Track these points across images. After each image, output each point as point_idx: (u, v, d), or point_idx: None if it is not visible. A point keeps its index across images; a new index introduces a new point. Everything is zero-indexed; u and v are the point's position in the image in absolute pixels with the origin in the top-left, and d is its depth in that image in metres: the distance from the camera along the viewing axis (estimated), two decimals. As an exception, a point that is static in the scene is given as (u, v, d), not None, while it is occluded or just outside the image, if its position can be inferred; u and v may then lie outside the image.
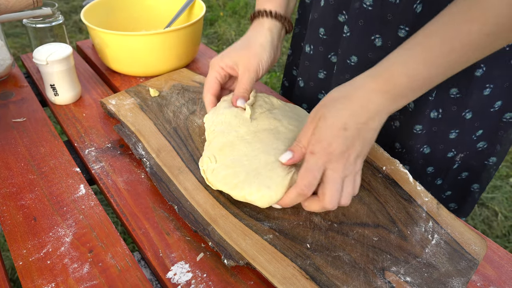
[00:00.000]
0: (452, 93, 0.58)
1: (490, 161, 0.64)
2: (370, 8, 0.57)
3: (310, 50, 0.70)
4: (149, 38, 0.73)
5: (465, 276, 0.43)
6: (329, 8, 0.64)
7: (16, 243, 0.46)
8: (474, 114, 0.59)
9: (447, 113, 0.59)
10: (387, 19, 0.57)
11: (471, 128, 0.60)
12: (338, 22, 0.64)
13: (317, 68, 0.71)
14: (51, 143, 0.62)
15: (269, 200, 0.46)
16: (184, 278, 0.43)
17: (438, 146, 0.63)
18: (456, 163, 0.65)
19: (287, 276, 0.41)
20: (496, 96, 0.57)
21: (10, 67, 0.77)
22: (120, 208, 0.51)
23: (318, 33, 0.67)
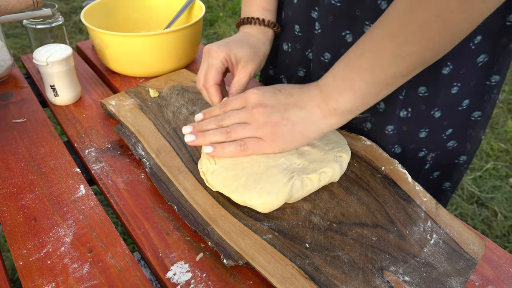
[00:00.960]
0: (420, 92, 0.57)
1: (461, 159, 0.64)
2: (339, 4, 0.57)
3: (288, 48, 0.70)
4: (149, 39, 0.73)
5: (464, 276, 0.43)
6: (302, 4, 0.63)
7: (17, 243, 0.47)
8: (443, 112, 0.59)
9: (416, 112, 0.59)
10: (356, 14, 0.57)
11: (441, 126, 0.60)
12: (312, 18, 0.64)
13: (296, 66, 0.71)
14: (51, 144, 0.62)
15: (270, 206, 0.47)
16: (183, 278, 0.43)
17: (409, 146, 0.63)
18: (427, 163, 0.65)
19: (286, 275, 0.42)
20: (464, 95, 0.57)
21: (10, 67, 0.78)
22: (120, 208, 0.51)
23: (293, 30, 0.67)
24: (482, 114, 0.60)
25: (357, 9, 0.56)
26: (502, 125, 1.87)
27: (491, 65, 0.55)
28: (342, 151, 0.54)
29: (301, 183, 0.49)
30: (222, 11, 2.86)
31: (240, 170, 0.50)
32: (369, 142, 0.59)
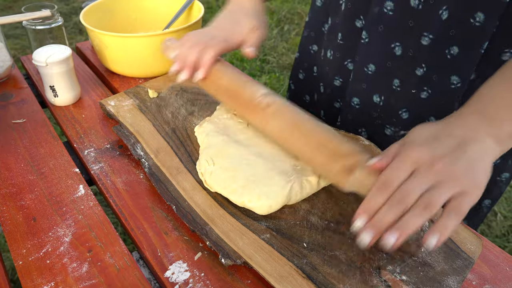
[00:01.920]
0: None
1: (503, 177, 0.63)
2: (391, 13, 0.55)
3: (330, 56, 0.68)
4: (148, 40, 0.73)
5: (461, 275, 0.43)
6: (347, 12, 0.61)
7: (16, 243, 0.47)
8: None
9: None
10: (408, 25, 0.54)
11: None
12: (355, 27, 0.61)
13: (333, 75, 0.68)
14: (50, 144, 0.62)
15: (268, 209, 0.47)
16: (182, 277, 0.44)
17: None
18: None
19: (284, 275, 0.42)
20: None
21: (10, 68, 0.78)
22: (119, 208, 0.52)
23: (337, 38, 0.65)
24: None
25: (411, 20, 0.54)
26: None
27: None
28: None
29: (300, 186, 0.49)
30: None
31: (239, 172, 0.50)
32: (367, 142, 0.59)
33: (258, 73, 2.19)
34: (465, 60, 0.52)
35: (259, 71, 2.20)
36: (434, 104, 0.58)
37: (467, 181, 0.38)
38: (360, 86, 0.63)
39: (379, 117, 0.64)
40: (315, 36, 0.72)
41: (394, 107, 0.61)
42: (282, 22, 2.68)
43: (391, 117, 0.62)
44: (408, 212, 0.37)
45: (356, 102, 0.65)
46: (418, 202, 0.37)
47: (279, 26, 2.62)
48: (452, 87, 0.55)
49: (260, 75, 2.17)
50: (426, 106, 0.58)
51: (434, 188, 0.37)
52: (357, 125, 0.68)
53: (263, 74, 2.19)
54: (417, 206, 0.37)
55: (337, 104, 0.71)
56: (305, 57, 0.76)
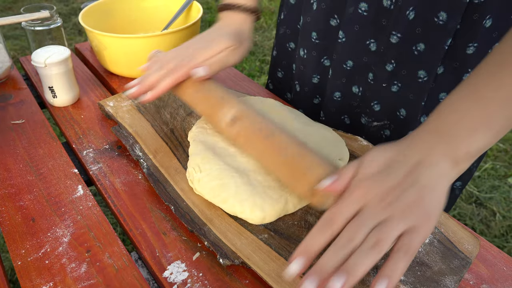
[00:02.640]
0: (441, 98, 0.59)
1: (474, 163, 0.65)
2: (366, 13, 0.58)
3: (304, 54, 0.70)
4: (147, 41, 0.73)
5: (458, 275, 0.43)
6: (321, 12, 0.64)
7: (15, 243, 0.47)
8: None
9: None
10: (382, 24, 0.57)
11: None
12: (330, 26, 0.64)
13: (311, 73, 0.71)
14: (49, 145, 0.62)
15: (262, 221, 0.47)
16: (180, 277, 0.44)
17: None
18: None
19: (281, 275, 0.42)
20: None
21: (9, 69, 0.78)
22: (117, 209, 0.52)
23: (310, 37, 0.67)
24: None
25: (384, 19, 0.57)
26: (501, 125, 1.87)
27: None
28: (341, 154, 0.54)
29: (297, 199, 0.48)
30: (221, 12, 2.86)
31: (228, 179, 0.49)
32: (365, 142, 0.60)
33: (257, 73, 2.19)
34: (431, 56, 0.56)
35: (258, 72, 2.21)
36: (403, 97, 0.61)
37: (418, 214, 0.35)
38: (340, 81, 0.66)
39: (358, 106, 0.67)
40: (291, 34, 0.74)
41: (369, 99, 0.64)
42: (281, 22, 2.67)
43: (365, 108, 0.66)
44: (355, 253, 0.33)
45: (338, 96, 0.68)
46: (365, 241, 0.34)
47: (278, 27, 2.62)
48: (419, 81, 0.58)
49: (259, 75, 2.18)
50: (397, 99, 0.62)
51: (383, 225, 0.34)
52: (340, 114, 0.71)
53: (262, 74, 2.19)
54: (365, 246, 0.33)
55: (316, 100, 0.74)
56: (283, 55, 0.77)
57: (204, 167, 0.51)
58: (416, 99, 0.60)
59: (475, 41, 0.54)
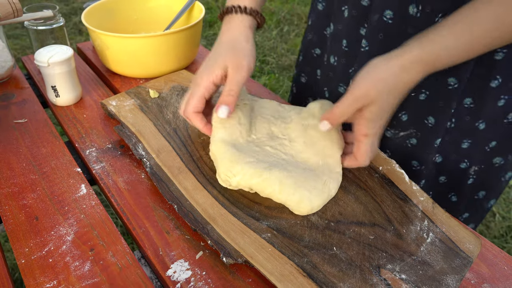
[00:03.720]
0: (466, 103, 0.57)
1: (507, 177, 0.64)
2: (390, 21, 0.56)
3: (334, 62, 0.68)
4: (149, 40, 0.74)
5: (459, 274, 0.44)
6: (352, 20, 0.62)
7: (19, 242, 0.47)
8: (487, 125, 0.58)
9: (461, 123, 0.58)
10: (408, 32, 0.55)
11: (484, 139, 0.59)
12: (360, 35, 0.62)
13: (338, 82, 0.69)
14: (52, 144, 0.62)
15: (309, 212, 0.48)
16: (183, 276, 0.44)
17: (450, 156, 0.62)
18: (470, 177, 0.63)
19: (284, 273, 0.42)
20: (510, 108, 0.57)
21: (11, 68, 0.78)
22: (120, 208, 0.52)
23: (341, 44, 0.65)
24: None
25: (410, 26, 0.55)
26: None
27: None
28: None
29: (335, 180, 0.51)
30: (221, 13, 2.87)
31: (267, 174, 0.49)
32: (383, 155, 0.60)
33: (257, 73, 2.19)
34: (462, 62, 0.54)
35: (258, 72, 2.21)
36: (432, 105, 0.59)
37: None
38: None
39: None
40: (317, 40, 0.72)
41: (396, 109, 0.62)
42: (281, 23, 2.68)
43: (392, 120, 0.63)
44: None
45: None
46: None
47: (278, 27, 2.63)
48: (449, 88, 0.56)
49: (259, 75, 2.18)
50: (425, 107, 0.59)
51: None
52: None
53: (262, 75, 2.19)
54: None
55: None
56: (308, 60, 0.76)
57: (236, 170, 0.50)
58: (446, 106, 0.58)
59: (504, 47, 0.52)
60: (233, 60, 0.53)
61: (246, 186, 0.50)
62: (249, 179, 0.49)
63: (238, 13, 0.56)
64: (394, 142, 0.64)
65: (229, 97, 0.52)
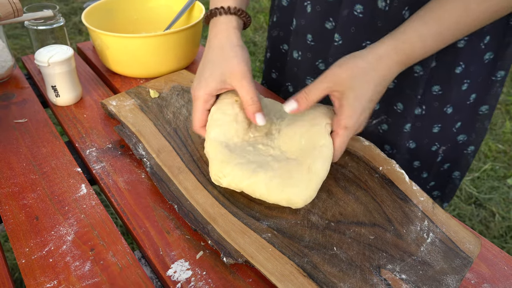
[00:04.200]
0: (434, 90, 0.61)
1: (469, 150, 0.68)
2: (361, 15, 0.58)
3: (298, 56, 0.70)
4: (149, 40, 0.74)
5: (459, 274, 0.44)
6: (316, 14, 0.64)
7: (19, 242, 0.47)
8: (454, 108, 0.62)
9: (430, 109, 0.62)
10: (377, 26, 0.58)
11: (452, 121, 0.63)
12: (326, 29, 0.64)
13: (305, 75, 0.71)
14: (52, 144, 0.62)
15: (303, 204, 0.48)
16: (184, 276, 0.44)
17: (423, 141, 0.65)
18: (439, 156, 0.67)
19: (285, 273, 0.42)
20: (472, 90, 0.61)
21: (11, 68, 0.78)
22: (120, 207, 0.52)
23: (305, 39, 0.67)
24: (489, 108, 0.63)
25: (379, 20, 0.58)
26: (500, 126, 1.88)
27: (496, 61, 0.59)
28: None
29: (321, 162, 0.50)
30: (221, 12, 2.87)
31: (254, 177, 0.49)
32: (367, 142, 0.60)
33: (258, 73, 2.19)
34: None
35: (258, 72, 2.21)
36: (400, 92, 0.62)
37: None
38: None
39: None
40: (284, 36, 0.74)
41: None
42: (281, 23, 2.68)
43: None
44: None
45: None
46: None
47: (278, 27, 2.63)
48: (415, 76, 0.60)
49: (259, 75, 2.18)
50: (393, 94, 0.63)
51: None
52: None
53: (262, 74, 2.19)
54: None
55: None
56: (277, 56, 0.78)
57: (226, 171, 0.50)
58: (412, 93, 0.62)
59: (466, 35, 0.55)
60: (231, 70, 0.52)
61: (237, 188, 0.50)
62: (239, 182, 0.49)
63: (223, 14, 0.56)
64: (367, 130, 0.67)
65: (254, 105, 0.52)
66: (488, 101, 0.62)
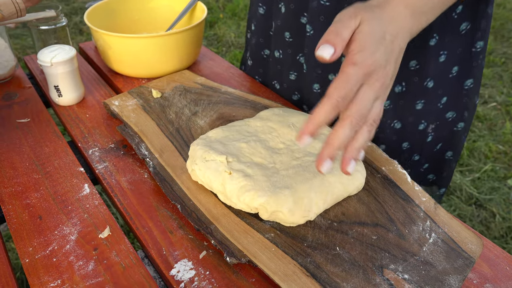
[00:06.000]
0: (411, 66, 0.61)
1: (459, 126, 0.68)
2: (328, 3, 0.59)
3: (279, 55, 0.72)
4: (151, 40, 0.74)
5: (462, 274, 0.44)
6: (290, 12, 0.66)
7: (22, 241, 0.47)
8: (435, 82, 0.62)
9: (410, 85, 0.62)
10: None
11: (435, 96, 0.63)
12: (301, 24, 0.66)
13: (288, 70, 0.73)
14: (55, 143, 0.63)
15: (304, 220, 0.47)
16: (187, 275, 0.44)
17: (407, 119, 0.65)
18: (429, 135, 0.67)
19: (288, 273, 0.42)
20: (452, 63, 0.61)
21: (14, 68, 0.78)
22: (123, 207, 0.52)
23: (284, 37, 0.69)
24: (474, 81, 0.63)
25: (345, 4, 0.58)
26: (500, 127, 1.88)
27: (474, 32, 0.59)
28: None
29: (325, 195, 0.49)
30: (222, 13, 2.87)
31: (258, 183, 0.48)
32: (369, 143, 0.60)
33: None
34: None
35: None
36: None
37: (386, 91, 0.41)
38: (315, 73, 0.68)
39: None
40: (264, 41, 0.76)
41: None
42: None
43: None
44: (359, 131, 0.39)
45: (317, 88, 0.69)
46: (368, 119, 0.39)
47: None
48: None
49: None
50: None
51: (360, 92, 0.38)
52: None
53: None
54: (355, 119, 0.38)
55: (295, 97, 0.76)
56: (259, 63, 0.80)
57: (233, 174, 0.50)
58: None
59: None
60: None
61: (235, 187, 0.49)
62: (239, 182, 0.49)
63: None
64: None
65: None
66: (472, 75, 0.62)
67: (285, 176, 0.50)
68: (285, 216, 0.46)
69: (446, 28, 0.58)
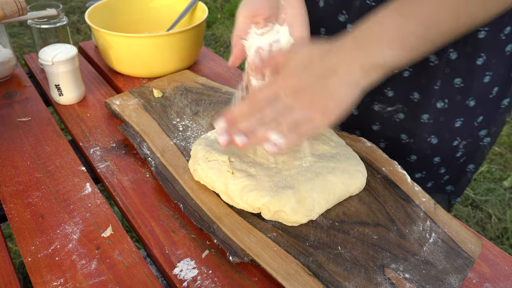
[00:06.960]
0: (456, 83, 0.60)
1: (485, 141, 0.67)
2: (374, 3, 0.58)
3: None
4: (152, 40, 0.74)
5: (462, 273, 0.44)
6: (329, 8, 0.65)
7: (25, 240, 0.47)
8: (476, 101, 0.61)
9: (453, 102, 0.61)
10: None
11: (474, 115, 0.63)
12: (339, 22, 0.65)
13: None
14: (56, 142, 0.63)
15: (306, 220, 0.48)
16: (190, 275, 0.44)
17: (444, 136, 0.65)
18: (459, 151, 0.67)
19: (290, 272, 0.43)
20: (494, 83, 0.60)
21: (13, 67, 0.78)
22: (126, 206, 0.52)
23: (319, 32, 0.68)
24: (510, 100, 0.63)
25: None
26: (496, 128, 1.90)
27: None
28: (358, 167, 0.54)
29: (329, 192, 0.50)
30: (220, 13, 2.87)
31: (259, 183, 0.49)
32: (369, 143, 0.61)
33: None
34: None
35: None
36: (416, 81, 0.62)
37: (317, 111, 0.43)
38: None
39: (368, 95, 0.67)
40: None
41: (381, 86, 0.65)
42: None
43: (379, 95, 0.66)
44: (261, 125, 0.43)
45: None
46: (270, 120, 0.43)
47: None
48: (431, 65, 0.59)
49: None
50: (409, 84, 0.62)
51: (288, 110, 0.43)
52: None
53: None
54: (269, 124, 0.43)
55: None
56: None
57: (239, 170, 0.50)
58: (429, 83, 0.61)
59: (486, 25, 0.55)
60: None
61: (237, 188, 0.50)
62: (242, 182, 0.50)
63: None
64: (382, 116, 0.67)
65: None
66: (509, 94, 0.62)
67: (287, 176, 0.50)
68: (288, 215, 0.47)
69: (494, 49, 0.57)
